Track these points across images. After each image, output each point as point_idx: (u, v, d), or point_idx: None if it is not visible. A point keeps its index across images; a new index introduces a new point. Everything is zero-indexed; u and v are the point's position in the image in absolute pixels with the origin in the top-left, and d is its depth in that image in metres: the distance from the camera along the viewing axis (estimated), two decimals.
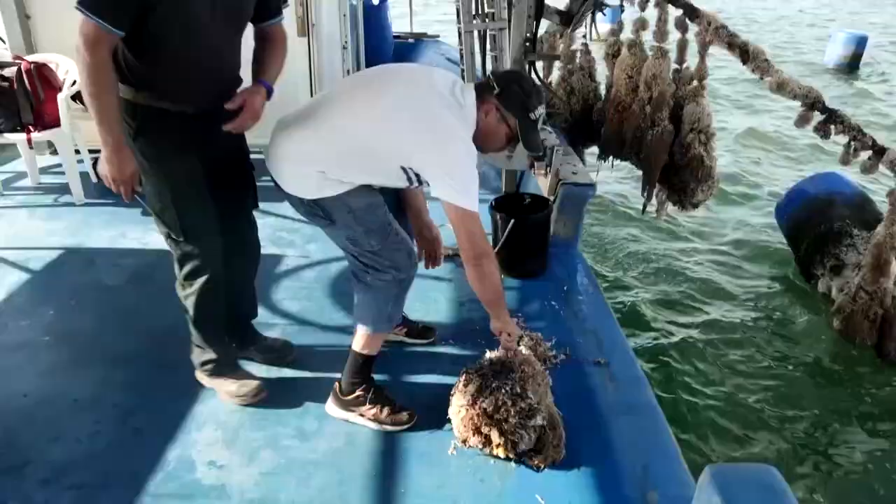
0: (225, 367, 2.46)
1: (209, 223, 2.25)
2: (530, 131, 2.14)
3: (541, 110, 2.13)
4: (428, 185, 2.09)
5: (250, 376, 2.47)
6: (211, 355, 2.43)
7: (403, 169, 2.06)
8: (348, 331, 2.40)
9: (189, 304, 2.34)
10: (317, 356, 2.70)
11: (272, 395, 2.47)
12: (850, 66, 13.66)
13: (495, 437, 2.11)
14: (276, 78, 2.29)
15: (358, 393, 2.31)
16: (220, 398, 2.43)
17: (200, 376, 2.49)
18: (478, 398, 2.15)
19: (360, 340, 2.29)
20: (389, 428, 2.29)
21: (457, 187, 1.98)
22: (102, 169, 2.03)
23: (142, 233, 3.78)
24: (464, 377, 2.26)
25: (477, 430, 2.14)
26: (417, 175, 2.07)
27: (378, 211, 2.15)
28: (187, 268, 2.28)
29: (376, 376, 2.39)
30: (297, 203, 2.18)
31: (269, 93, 2.24)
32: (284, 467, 2.15)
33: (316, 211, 2.15)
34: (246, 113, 2.15)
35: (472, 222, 2.03)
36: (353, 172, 2.07)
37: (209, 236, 2.26)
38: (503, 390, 2.14)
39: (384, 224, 2.16)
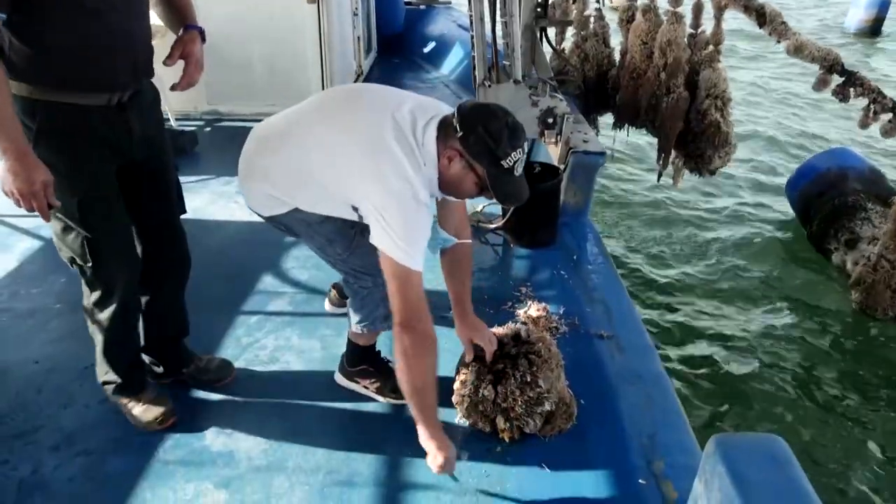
0: (128, 391, 2.16)
1: (122, 243, 1.98)
2: (503, 182, 1.80)
3: (516, 156, 1.77)
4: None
5: (157, 400, 2.17)
6: (113, 377, 2.14)
7: (354, 208, 1.87)
8: None
9: (96, 329, 2.06)
10: (325, 325, 2.70)
11: (281, 365, 2.48)
12: (872, 31, 13.36)
13: (501, 422, 2.10)
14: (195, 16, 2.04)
15: (362, 366, 2.30)
16: (127, 418, 2.17)
17: (105, 390, 2.19)
18: (480, 385, 2.11)
19: (354, 333, 2.25)
20: (392, 401, 2.28)
21: (394, 237, 1.72)
22: (6, 184, 1.64)
23: None
24: (462, 368, 2.20)
25: (483, 416, 2.13)
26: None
27: (335, 218, 1.97)
28: (95, 295, 1.99)
29: (384, 346, 2.38)
30: (260, 216, 2.08)
31: (203, 36, 2.01)
32: (291, 434, 2.16)
33: (277, 225, 2.07)
34: (191, 65, 1.95)
35: (407, 284, 1.76)
36: (301, 201, 1.94)
37: (121, 258, 1.98)
38: (513, 378, 2.09)
39: (343, 230, 1.99)
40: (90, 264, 1.90)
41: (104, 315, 2.01)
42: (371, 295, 2.09)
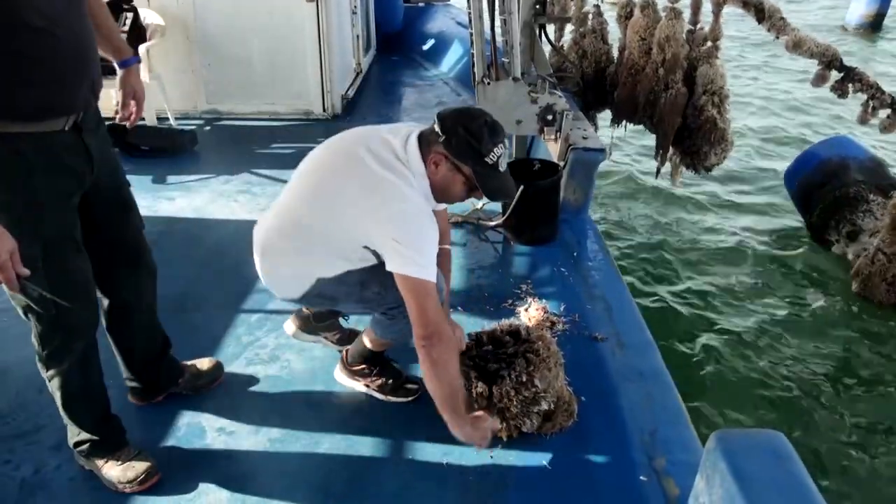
0: (104, 448, 1.97)
1: (85, 282, 1.80)
2: (490, 178, 1.88)
3: (498, 150, 1.85)
4: None
5: (140, 456, 1.97)
6: (85, 436, 1.95)
7: (367, 248, 1.92)
8: None
9: (55, 385, 1.86)
10: None
11: (282, 364, 2.48)
12: (873, 26, 13.34)
13: (495, 423, 2.08)
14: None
15: (363, 364, 2.30)
16: (103, 482, 1.96)
17: (77, 457, 2.01)
18: (469, 386, 2.10)
19: (372, 341, 2.24)
20: (394, 399, 2.28)
21: (406, 253, 1.79)
22: None
23: (151, 200, 3.78)
24: None
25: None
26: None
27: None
28: (54, 344, 1.79)
29: None
30: (294, 301, 2.12)
31: (138, 63, 2.01)
32: (293, 433, 2.17)
33: (314, 301, 2.12)
34: (140, 103, 1.99)
35: (426, 297, 1.82)
36: (320, 266, 1.99)
37: (85, 299, 1.81)
38: (508, 378, 2.08)
39: (372, 270, 1.98)
40: (53, 312, 1.73)
41: (66, 365, 1.83)
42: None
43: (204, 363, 2.35)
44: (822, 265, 5.04)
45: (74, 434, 1.96)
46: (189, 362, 2.33)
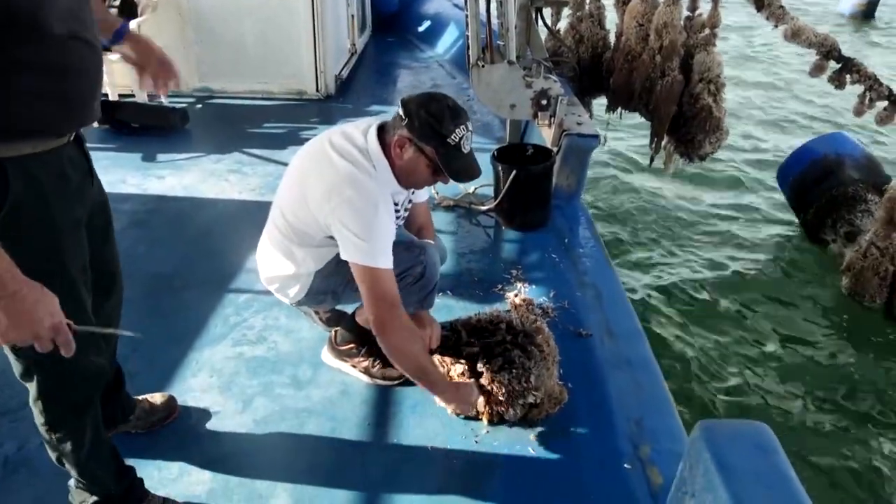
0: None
1: (91, 321, 1.51)
2: (453, 159, 1.89)
3: (461, 131, 1.87)
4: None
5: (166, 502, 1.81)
6: (96, 498, 1.72)
7: (332, 238, 1.94)
8: None
9: (69, 447, 1.61)
10: None
11: (269, 345, 2.47)
12: (865, 14, 13.34)
13: (480, 404, 2.10)
14: None
15: (351, 345, 2.30)
16: None
17: None
18: (448, 371, 2.13)
19: (364, 319, 2.24)
20: (380, 382, 2.28)
21: (354, 241, 1.84)
22: (7, 334, 1.13)
23: (141, 178, 3.76)
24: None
25: None
26: None
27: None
28: (74, 397, 1.56)
29: None
30: (305, 304, 2.21)
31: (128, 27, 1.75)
32: (278, 415, 2.16)
33: (319, 299, 2.16)
34: (164, 59, 1.76)
35: (376, 283, 1.86)
36: (310, 261, 2.06)
37: (98, 340, 1.59)
38: (504, 366, 2.09)
39: None
40: (75, 359, 1.38)
41: (84, 420, 1.61)
42: (408, 292, 2.08)
43: (156, 398, 2.13)
44: (814, 261, 5.03)
45: (87, 499, 1.73)
46: (141, 397, 2.11)
